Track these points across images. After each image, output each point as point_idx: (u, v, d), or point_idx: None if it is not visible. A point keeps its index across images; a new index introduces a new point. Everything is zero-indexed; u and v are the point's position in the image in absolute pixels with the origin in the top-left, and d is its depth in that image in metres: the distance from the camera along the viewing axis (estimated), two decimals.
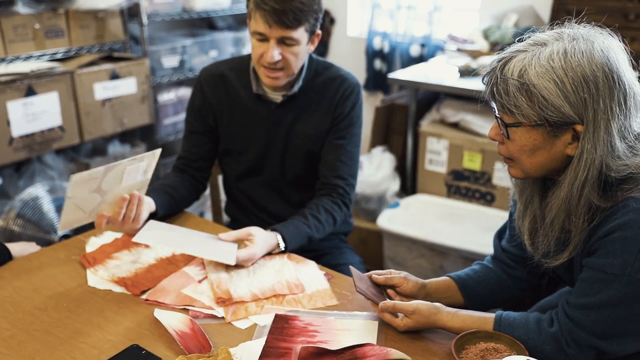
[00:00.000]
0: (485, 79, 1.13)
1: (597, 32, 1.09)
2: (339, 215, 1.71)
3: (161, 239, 1.48)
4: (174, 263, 1.51)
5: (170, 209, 1.70)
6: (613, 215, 1.06)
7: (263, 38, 1.57)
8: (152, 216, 1.58)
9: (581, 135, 1.05)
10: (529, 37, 1.12)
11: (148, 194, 1.59)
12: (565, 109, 1.04)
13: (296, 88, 1.70)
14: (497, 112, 1.12)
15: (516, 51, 1.09)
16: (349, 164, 1.73)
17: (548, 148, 1.10)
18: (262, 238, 1.49)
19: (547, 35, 1.09)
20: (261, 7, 1.53)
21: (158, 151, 1.48)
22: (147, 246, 1.58)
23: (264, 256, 1.52)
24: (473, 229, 2.65)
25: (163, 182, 1.76)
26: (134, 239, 1.44)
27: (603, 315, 1.07)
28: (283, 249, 1.54)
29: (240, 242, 1.50)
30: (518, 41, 1.13)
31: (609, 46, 1.06)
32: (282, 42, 1.57)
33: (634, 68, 1.11)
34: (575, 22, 1.13)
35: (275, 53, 1.57)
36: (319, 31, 1.65)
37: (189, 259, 1.52)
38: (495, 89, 1.10)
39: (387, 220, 2.74)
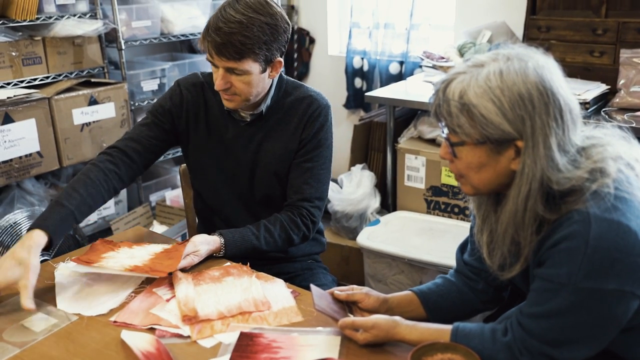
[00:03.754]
0: (430, 100, 1.18)
1: (531, 52, 1.14)
2: (296, 234, 1.72)
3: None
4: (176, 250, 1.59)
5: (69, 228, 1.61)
6: (559, 227, 1.09)
7: (214, 64, 1.60)
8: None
9: (522, 150, 1.09)
10: (468, 59, 1.16)
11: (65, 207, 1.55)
12: (504, 126, 1.08)
13: (263, 107, 1.72)
14: (443, 132, 1.16)
15: (456, 73, 1.14)
16: (316, 186, 1.74)
17: (493, 164, 1.14)
18: (204, 248, 1.59)
19: (485, 57, 1.14)
20: (206, 38, 1.56)
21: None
22: (129, 246, 1.65)
23: (232, 275, 1.54)
24: (452, 243, 2.67)
25: (86, 190, 1.60)
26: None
27: (552, 324, 1.10)
28: (222, 253, 1.63)
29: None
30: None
31: (543, 65, 1.11)
32: (231, 71, 1.58)
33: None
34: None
35: (221, 82, 1.59)
36: (279, 58, 1.64)
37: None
38: (439, 110, 1.15)
39: (367, 238, 2.76)
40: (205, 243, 1.60)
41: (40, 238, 1.46)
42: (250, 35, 1.53)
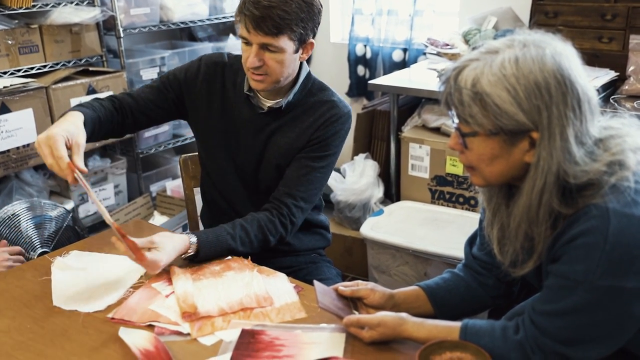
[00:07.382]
0: (440, 88, 1.12)
1: (548, 38, 1.08)
2: (273, 236, 1.63)
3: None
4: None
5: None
6: (575, 222, 1.05)
7: (247, 42, 1.56)
8: None
9: (537, 142, 1.04)
10: (482, 45, 1.11)
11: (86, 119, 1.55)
12: (519, 116, 1.03)
13: (283, 103, 1.67)
14: (454, 121, 1.11)
15: (469, 60, 1.08)
16: (307, 187, 1.67)
17: (506, 156, 1.08)
18: (168, 244, 1.44)
19: (499, 43, 1.08)
20: (243, 12, 1.52)
21: None
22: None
23: (233, 269, 1.50)
24: (457, 234, 2.63)
25: (99, 112, 1.62)
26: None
27: (567, 322, 1.06)
28: (192, 253, 1.51)
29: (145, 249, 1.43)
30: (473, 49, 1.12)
31: (561, 52, 1.05)
32: (265, 48, 1.54)
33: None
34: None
35: (254, 59, 1.55)
36: (311, 40, 1.61)
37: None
38: (450, 98, 1.09)
39: (370, 228, 2.72)
40: (168, 237, 1.47)
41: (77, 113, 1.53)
42: (289, 10, 1.50)
